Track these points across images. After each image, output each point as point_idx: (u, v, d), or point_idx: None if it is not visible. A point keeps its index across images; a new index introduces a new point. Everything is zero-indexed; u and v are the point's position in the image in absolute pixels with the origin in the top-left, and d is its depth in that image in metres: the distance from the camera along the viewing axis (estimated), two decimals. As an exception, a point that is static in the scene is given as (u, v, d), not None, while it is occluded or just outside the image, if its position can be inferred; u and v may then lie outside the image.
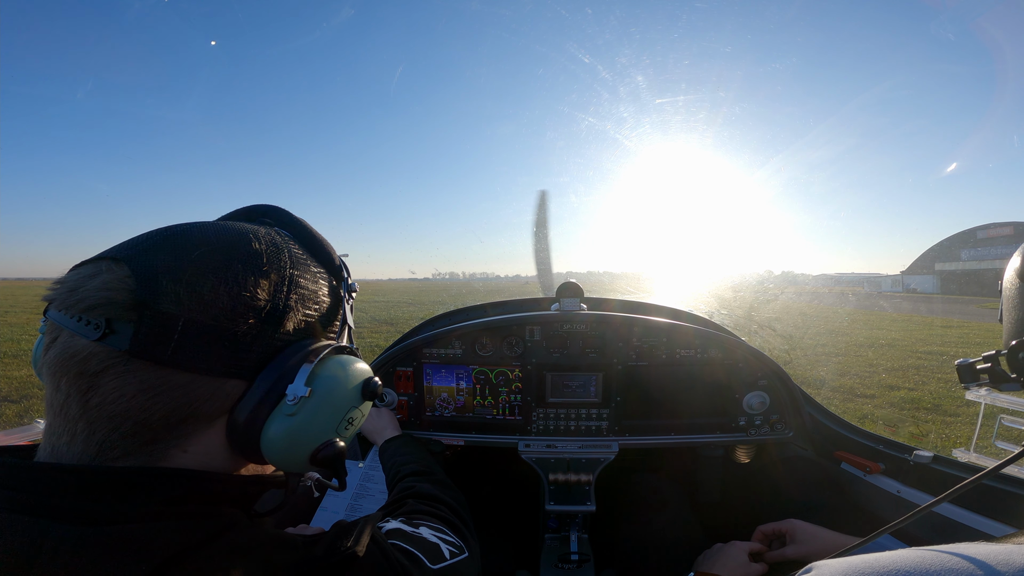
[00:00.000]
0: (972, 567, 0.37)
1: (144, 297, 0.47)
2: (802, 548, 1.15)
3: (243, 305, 0.51)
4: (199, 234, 0.54)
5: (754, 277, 7.99)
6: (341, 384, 0.58)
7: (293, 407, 0.53)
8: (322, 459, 0.57)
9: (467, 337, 1.72)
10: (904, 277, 69.11)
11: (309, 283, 0.59)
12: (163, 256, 0.50)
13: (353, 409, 0.61)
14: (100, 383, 0.47)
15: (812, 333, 13.98)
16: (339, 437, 0.60)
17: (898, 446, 1.45)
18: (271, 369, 0.53)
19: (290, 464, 0.57)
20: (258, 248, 0.55)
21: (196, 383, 0.50)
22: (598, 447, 1.67)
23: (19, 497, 0.46)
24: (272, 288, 0.54)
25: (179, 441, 0.51)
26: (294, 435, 0.54)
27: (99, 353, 0.47)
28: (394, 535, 0.71)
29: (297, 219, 0.65)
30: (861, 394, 7.23)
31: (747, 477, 1.87)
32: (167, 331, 0.48)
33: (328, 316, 0.62)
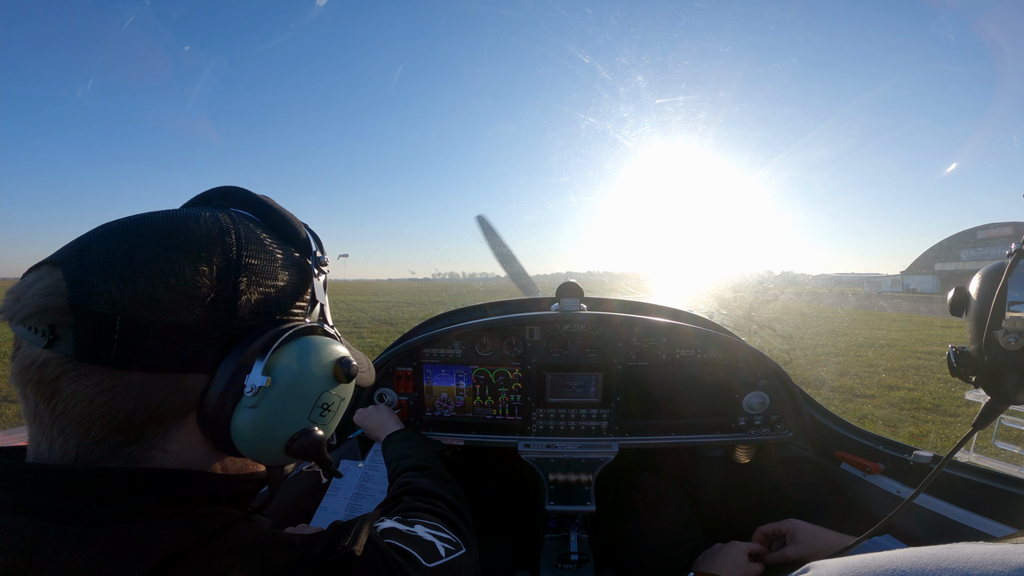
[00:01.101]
0: (969, 567, 0.37)
1: (77, 300, 0.46)
2: (801, 548, 1.15)
3: (184, 296, 0.48)
4: (135, 226, 0.51)
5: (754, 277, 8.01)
6: (306, 368, 0.55)
7: (253, 399, 0.51)
8: (298, 449, 0.55)
9: (467, 337, 1.72)
10: (904, 277, 69.13)
11: (265, 262, 0.55)
12: (96, 254, 0.48)
13: (325, 393, 0.57)
14: (60, 389, 0.47)
15: (812, 333, 13.98)
16: (316, 425, 0.57)
17: (898, 446, 1.45)
18: (231, 358, 0.51)
19: (266, 456, 0.55)
20: (198, 233, 0.52)
21: (151, 382, 0.48)
22: (598, 447, 1.67)
23: (16, 498, 0.46)
24: (216, 273, 0.51)
25: (157, 441, 0.50)
26: (262, 427, 0.52)
27: (52, 360, 0.46)
28: (389, 534, 0.70)
29: (256, 196, 0.61)
30: (861, 394, 7.23)
31: (747, 477, 1.87)
32: (106, 333, 0.46)
33: (293, 294, 0.58)
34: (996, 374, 0.82)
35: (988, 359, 0.82)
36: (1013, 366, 0.80)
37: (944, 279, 60.60)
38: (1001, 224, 61.91)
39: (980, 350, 0.83)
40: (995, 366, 0.81)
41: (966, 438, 0.89)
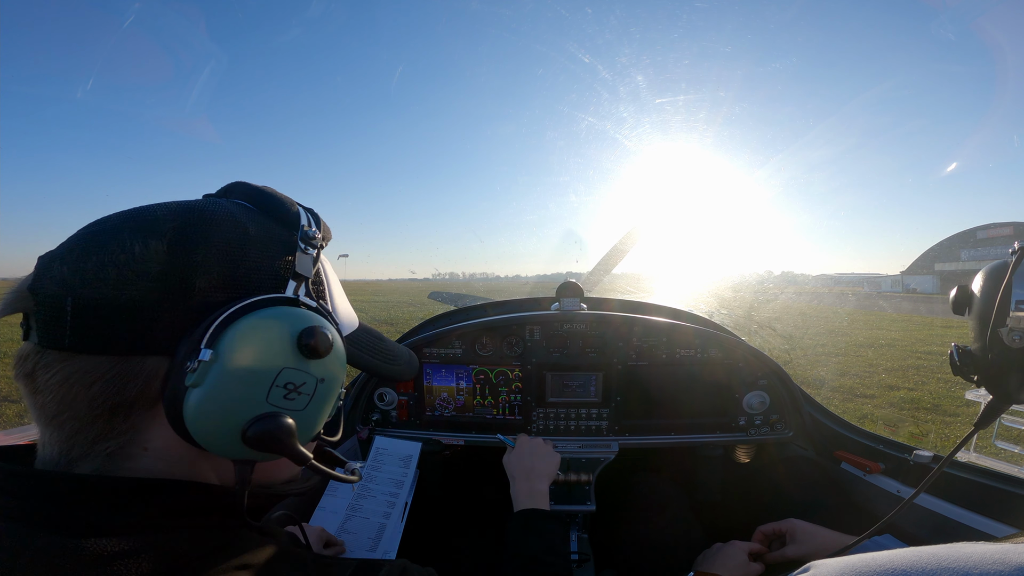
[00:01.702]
0: (969, 566, 0.37)
1: (34, 285, 0.46)
2: (802, 548, 1.15)
3: (131, 272, 0.46)
4: (107, 217, 0.51)
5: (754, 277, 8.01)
6: (259, 341, 0.48)
7: (194, 376, 0.45)
8: (253, 438, 0.47)
9: (467, 337, 1.72)
10: (904, 277, 69.10)
11: (233, 235, 0.51)
12: (65, 245, 0.49)
13: (287, 370, 0.49)
14: (36, 383, 0.47)
15: (812, 333, 13.98)
16: (281, 409, 0.49)
17: (898, 446, 1.45)
18: (186, 337, 0.47)
19: (227, 449, 0.48)
20: (160, 214, 0.50)
21: (105, 365, 0.46)
22: (598, 447, 1.67)
23: (9, 503, 0.45)
24: (167, 248, 0.47)
25: (132, 436, 0.48)
26: (209, 410, 0.46)
27: (30, 353, 0.47)
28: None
29: (253, 185, 0.58)
30: (861, 394, 7.23)
31: (747, 477, 1.87)
32: (59, 314, 0.45)
33: (270, 270, 0.52)
34: (999, 373, 0.82)
35: (992, 357, 0.81)
36: (1017, 365, 0.79)
37: (944, 279, 60.62)
38: (1001, 224, 61.93)
39: (984, 348, 0.82)
40: (998, 365, 0.81)
41: (968, 437, 0.89)
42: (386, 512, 1.44)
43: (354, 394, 1.73)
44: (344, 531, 1.38)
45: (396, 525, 1.41)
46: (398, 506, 1.45)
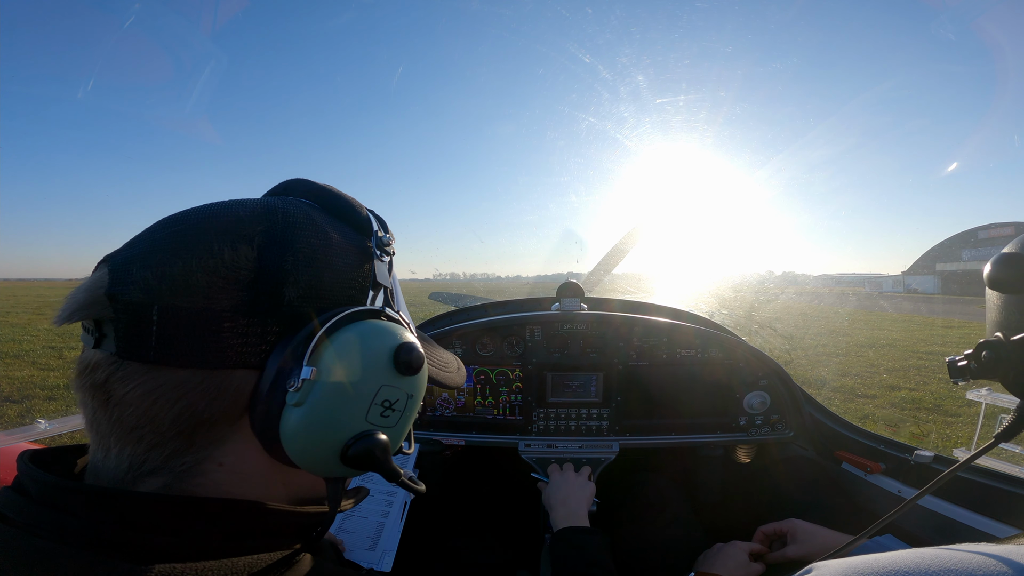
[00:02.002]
0: (972, 568, 0.37)
1: (113, 290, 0.43)
2: (803, 548, 1.14)
3: (222, 279, 0.43)
4: (181, 215, 0.48)
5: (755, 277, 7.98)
6: (358, 357, 0.46)
7: (297, 395, 0.43)
8: (354, 457, 0.46)
9: (467, 337, 1.72)
10: (905, 277, 69.06)
11: (316, 242, 0.49)
12: (140, 245, 0.46)
13: (385, 387, 0.48)
14: (111, 393, 0.43)
15: (813, 333, 13.97)
16: (376, 426, 0.48)
17: (899, 446, 1.45)
18: (279, 351, 0.45)
19: (320, 467, 0.47)
20: (242, 215, 0.47)
21: (193, 379, 0.43)
22: (598, 447, 1.67)
23: (66, 522, 0.41)
24: (258, 253, 0.45)
25: (211, 451, 0.46)
26: (310, 429, 0.44)
27: (101, 361, 0.44)
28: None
29: (316, 183, 0.56)
30: (862, 394, 7.22)
31: (748, 477, 1.87)
32: (143, 323, 0.42)
33: (351, 277, 0.51)
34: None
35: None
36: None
37: (945, 279, 60.57)
38: (1002, 224, 61.88)
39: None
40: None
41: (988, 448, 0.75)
42: (384, 511, 1.44)
43: None
44: (343, 531, 1.38)
45: (395, 524, 1.41)
46: (395, 505, 1.45)
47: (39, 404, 6.08)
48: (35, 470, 0.45)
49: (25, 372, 7.85)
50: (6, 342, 11.11)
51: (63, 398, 6.24)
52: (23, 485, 0.46)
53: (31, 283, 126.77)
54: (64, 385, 6.78)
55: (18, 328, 14.11)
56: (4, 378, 7.46)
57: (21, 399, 6.35)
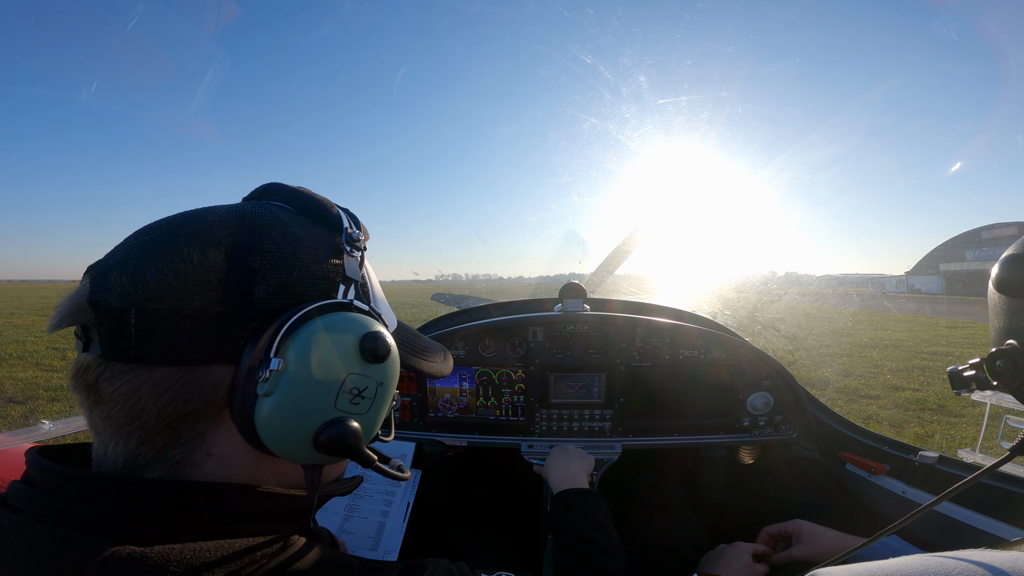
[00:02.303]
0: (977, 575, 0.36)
1: (93, 296, 0.46)
2: (808, 549, 1.14)
3: (193, 282, 0.46)
4: (156, 223, 0.51)
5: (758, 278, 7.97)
6: (324, 347, 0.49)
7: (266, 385, 0.46)
8: (325, 443, 0.49)
9: (470, 338, 1.72)
10: (909, 277, 68.82)
11: (284, 241, 0.51)
12: (117, 254, 0.49)
13: (352, 376, 0.51)
14: (100, 392, 0.46)
15: (816, 334, 13.94)
16: (347, 414, 0.51)
17: (903, 447, 1.44)
18: (251, 345, 0.47)
19: (297, 454, 0.50)
20: (211, 220, 0.50)
21: (173, 376, 0.46)
22: (601, 448, 1.67)
23: (69, 508, 0.44)
24: (225, 255, 0.48)
25: (198, 443, 0.48)
26: (282, 418, 0.47)
27: (91, 364, 0.47)
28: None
29: (290, 187, 0.59)
30: (866, 395, 7.20)
31: (751, 478, 1.86)
32: (123, 326, 0.45)
33: (320, 274, 0.53)
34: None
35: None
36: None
37: (949, 279, 60.36)
38: (1006, 224, 61.65)
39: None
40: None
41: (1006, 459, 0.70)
42: (384, 511, 1.44)
43: None
44: (344, 531, 1.38)
45: (398, 525, 1.41)
46: (396, 505, 1.45)
47: (43, 405, 6.10)
48: (41, 460, 0.48)
49: (29, 373, 7.88)
50: (10, 343, 11.15)
51: (67, 399, 6.26)
52: (31, 477, 0.49)
53: (35, 285, 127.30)
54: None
55: (22, 329, 14.17)
56: (8, 379, 7.49)
57: (25, 400, 6.38)
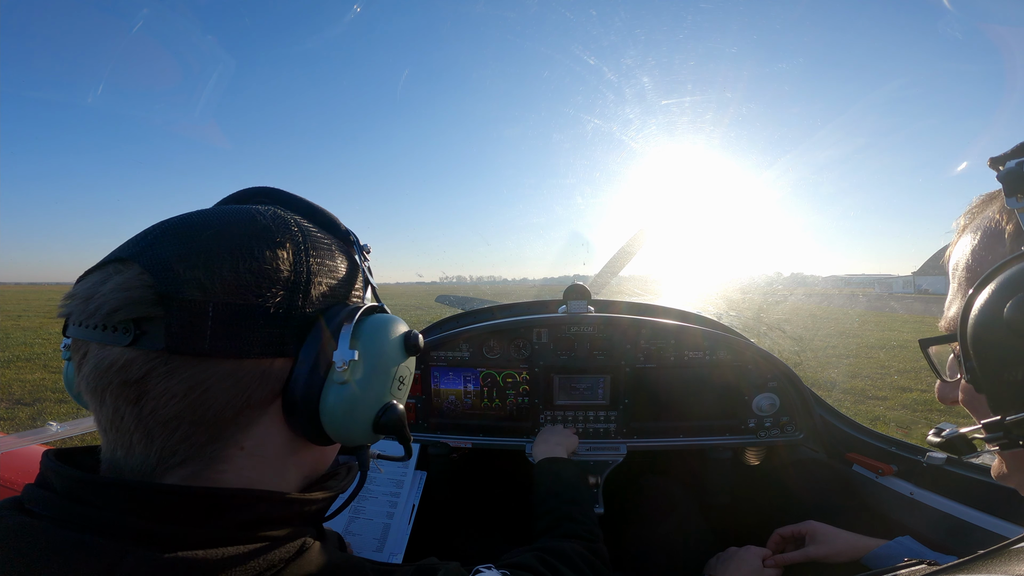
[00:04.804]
0: None
1: (165, 289, 0.45)
2: (823, 549, 1.13)
3: (267, 279, 0.49)
4: (201, 219, 0.51)
5: (763, 279, 7.92)
6: (384, 342, 0.56)
7: (344, 374, 0.51)
8: (385, 424, 0.56)
9: (474, 340, 1.72)
10: (916, 278, 68.32)
11: (323, 248, 0.56)
12: (172, 247, 0.47)
13: (399, 366, 0.59)
14: (147, 389, 0.45)
15: (822, 335, 13.86)
16: (395, 399, 0.58)
17: (911, 448, 1.43)
18: (312, 339, 0.51)
19: (354, 436, 0.55)
20: (265, 222, 0.52)
21: (243, 368, 0.48)
22: (606, 449, 1.66)
23: (94, 515, 0.44)
24: (291, 257, 0.52)
25: (235, 436, 0.49)
26: (351, 403, 0.53)
27: (137, 358, 0.45)
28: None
29: (291, 194, 0.62)
30: (873, 396, 7.15)
31: (757, 479, 1.85)
32: (199, 319, 0.45)
33: (349, 279, 0.59)
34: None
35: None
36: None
37: (956, 279, 59.76)
38: (1014, 223, 60.96)
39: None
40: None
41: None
42: (388, 512, 1.44)
43: None
44: (348, 533, 1.38)
45: (403, 527, 1.41)
46: (401, 506, 1.45)
47: (50, 407, 6.15)
48: (61, 466, 0.47)
49: (37, 375, 7.95)
50: (18, 345, 11.24)
51: (74, 401, 6.31)
52: (48, 481, 0.48)
53: (41, 287, 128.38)
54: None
55: (30, 332, 14.28)
56: (16, 381, 7.55)
57: (33, 402, 6.42)
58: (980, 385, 0.48)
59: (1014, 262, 0.45)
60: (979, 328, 0.47)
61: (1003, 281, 0.45)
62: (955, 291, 0.59)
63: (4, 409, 6.21)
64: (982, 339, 0.47)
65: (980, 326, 0.47)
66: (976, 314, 0.47)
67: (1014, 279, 0.44)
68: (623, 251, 2.60)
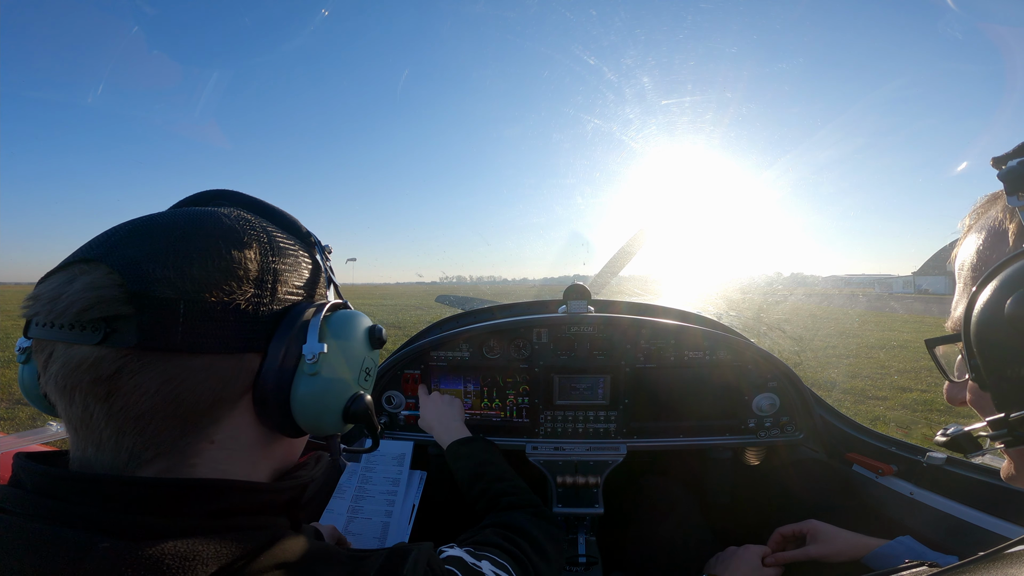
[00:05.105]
0: None
1: (136, 287, 0.45)
2: (825, 548, 1.13)
3: (236, 278, 0.50)
4: (166, 221, 0.52)
5: (763, 279, 7.93)
6: (350, 336, 0.59)
7: (314, 366, 0.54)
8: (354, 413, 0.59)
9: (474, 340, 1.72)
10: (916, 278, 68.34)
11: (287, 250, 0.58)
12: (139, 247, 0.48)
13: (366, 358, 0.62)
14: (118, 386, 0.45)
15: (822, 335, 13.86)
16: (362, 389, 0.61)
17: (911, 448, 1.43)
18: (281, 334, 0.53)
19: (325, 425, 0.58)
20: (230, 224, 0.54)
21: (215, 363, 0.49)
22: (606, 449, 1.66)
23: (64, 508, 0.45)
24: (257, 257, 0.53)
25: (206, 431, 0.50)
26: (321, 393, 0.55)
27: (107, 355, 0.45)
28: (453, 563, 0.68)
29: (251, 197, 0.64)
30: (873, 396, 7.15)
31: (757, 479, 1.86)
32: (171, 316, 0.46)
33: (313, 279, 0.61)
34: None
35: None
36: None
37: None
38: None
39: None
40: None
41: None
42: (387, 511, 1.44)
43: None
44: (348, 533, 1.38)
45: (403, 527, 1.41)
46: (399, 505, 1.45)
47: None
48: (31, 463, 0.48)
49: (37, 376, 7.93)
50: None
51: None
52: (19, 480, 0.49)
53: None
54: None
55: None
56: (16, 381, 7.55)
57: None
58: (984, 383, 0.48)
59: (1015, 260, 0.45)
60: (981, 326, 0.47)
61: (1004, 278, 0.45)
62: (961, 291, 0.60)
63: (4, 409, 6.22)
64: (984, 337, 0.47)
65: (982, 323, 0.47)
66: (978, 312, 0.47)
67: (1015, 276, 0.45)
68: (623, 251, 2.60)
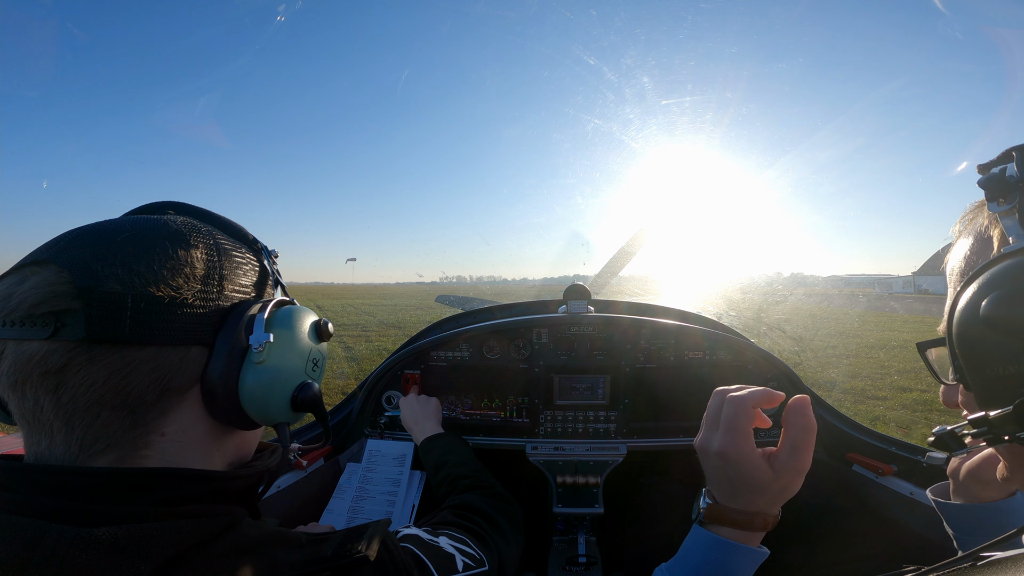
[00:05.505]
0: None
1: (86, 283, 0.47)
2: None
3: (183, 275, 0.52)
4: (114, 226, 0.54)
5: (763, 279, 7.94)
6: (296, 328, 0.62)
7: (261, 355, 0.56)
8: (302, 401, 0.61)
9: (475, 340, 1.72)
10: (916, 278, 68.32)
11: (233, 252, 0.60)
12: (88, 249, 0.50)
13: (313, 349, 0.65)
14: (67, 378, 0.47)
15: (822, 335, 13.85)
16: (310, 379, 0.63)
17: (911, 448, 1.43)
18: (228, 328, 0.55)
19: (273, 413, 0.59)
20: (177, 227, 0.56)
21: (163, 354, 0.50)
22: (606, 449, 1.66)
23: (18, 499, 0.46)
24: (204, 257, 0.55)
25: (156, 422, 0.52)
26: (269, 382, 0.57)
27: (56, 349, 0.46)
28: (409, 540, 0.70)
29: (198, 207, 0.66)
30: (873, 396, 7.15)
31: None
32: (118, 310, 0.48)
33: (260, 280, 0.64)
34: None
35: None
36: None
37: (957, 279, 59.71)
38: (1014, 223, 60.87)
39: None
40: None
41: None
42: (387, 511, 1.44)
43: (362, 397, 1.74)
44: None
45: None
46: (399, 505, 1.46)
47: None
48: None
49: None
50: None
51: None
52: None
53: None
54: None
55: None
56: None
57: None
58: (968, 383, 0.49)
59: (993, 264, 0.47)
60: (962, 327, 0.49)
61: (982, 282, 0.47)
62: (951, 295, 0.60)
63: (4, 409, 6.21)
64: (964, 337, 0.49)
65: (962, 325, 0.49)
66: (959, 314, 0.49)
67: (992, 278, 0.46)
68: (623, 251, 2.60)
